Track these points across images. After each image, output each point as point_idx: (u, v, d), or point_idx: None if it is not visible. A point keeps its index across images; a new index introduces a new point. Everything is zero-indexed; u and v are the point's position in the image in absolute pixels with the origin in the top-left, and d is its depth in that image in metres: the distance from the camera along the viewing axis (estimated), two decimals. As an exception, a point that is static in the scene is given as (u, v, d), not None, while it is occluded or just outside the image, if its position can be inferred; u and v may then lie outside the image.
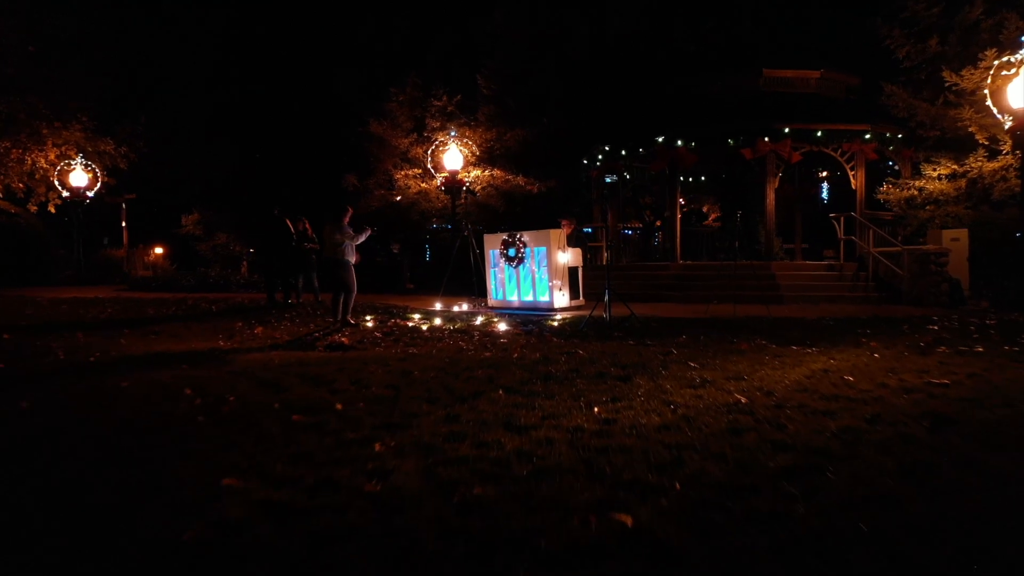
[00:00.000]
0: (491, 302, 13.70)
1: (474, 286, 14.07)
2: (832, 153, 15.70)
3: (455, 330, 10.65)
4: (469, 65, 20.12)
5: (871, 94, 17.60)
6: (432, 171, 20.66)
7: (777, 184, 15.66)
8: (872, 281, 14.75)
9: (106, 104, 25.05)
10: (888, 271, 14.57)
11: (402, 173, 20.18)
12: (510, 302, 13.30)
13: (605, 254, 19.03)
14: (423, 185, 20.75)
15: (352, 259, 12.28)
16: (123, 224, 30.15)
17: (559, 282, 12.51)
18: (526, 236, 12.83)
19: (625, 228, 22.07)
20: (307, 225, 16.06)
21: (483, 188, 20.07)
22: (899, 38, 15.88)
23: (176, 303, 16.04)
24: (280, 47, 22.42)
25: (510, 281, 13.22)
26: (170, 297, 18.18)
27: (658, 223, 25.17)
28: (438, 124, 20.28)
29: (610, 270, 11.74)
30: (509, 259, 13.07)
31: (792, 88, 16.84)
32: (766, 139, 15.25)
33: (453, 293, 15.70)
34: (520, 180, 19.51)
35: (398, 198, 20.35)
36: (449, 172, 19.92)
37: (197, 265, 26.66)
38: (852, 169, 15.78)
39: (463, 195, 20.28)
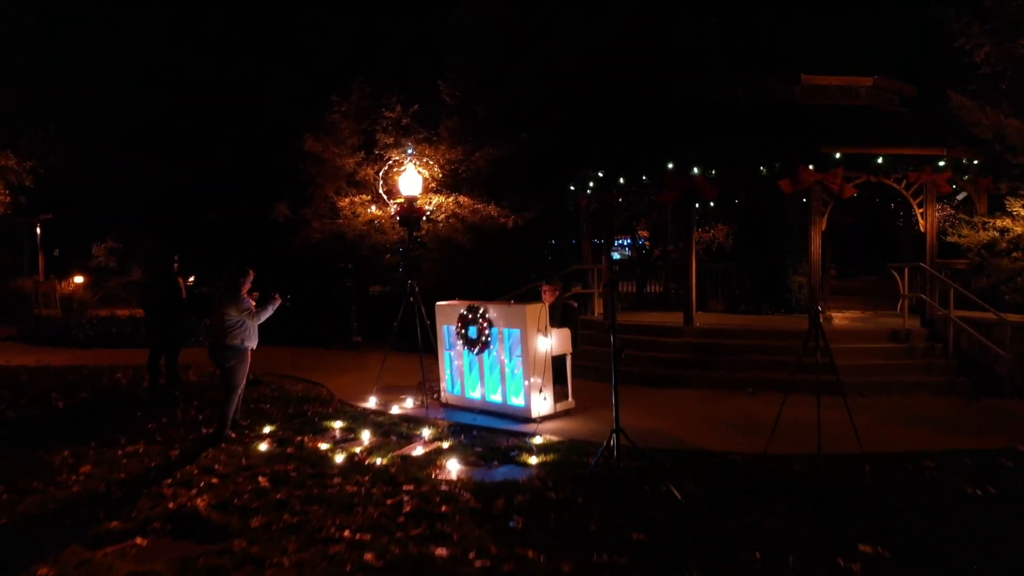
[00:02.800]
0: (446, 397, 9.95)
1: (423, 366, 10.25)
2: (894, 185, 12.06)
3: (378, 473, 6.94)
4: (430, 68, 16.32)
5: (930, 106, 14.03)
6: (385, 197, 16.86)
7: (824, 226, 11.98)
8: (953, 358, 11.14)
9: (10, 114, 21.14)
10: (974, 344, 10.97)
11: (347, 200, 16.34)
12: (471, 401, 9.56)
13: (597, 303, 15.38)
14: (375, 212, 16.94)
15: (252, 344, 8.60)
16: (39, 249, 26.23)
17: (539, 380, 8.77)
18: (492, 311, 9.09)
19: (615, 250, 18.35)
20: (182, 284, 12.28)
21: (447, 219, 16.27)
22: (977, 35, 12.29)
23: (23, 383, 12.18)
24: (206, 53, 18.42)
25: (471, 371, 9.48)
26: (33, 364, 14.32)
27: (657, 252, 21.51)
28: (391, 140, 16.48)
29: (616, 370, 8.01)
30: (469, 342, 9.31)
31: (836, 99, 13.20)
32: (811, 167, 11.60)
33: (406, 349, 11.85)
34: (492, 210, 15.75)
35: (343, 230, 16.50)
36: (405, 198, 16.07)
37: (113, 304, 22.81)
38: (920, 206, 12.14)
39: (423, 225, 16.49)
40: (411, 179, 16.39)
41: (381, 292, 17.42)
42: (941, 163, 11.85)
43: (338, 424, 8.94)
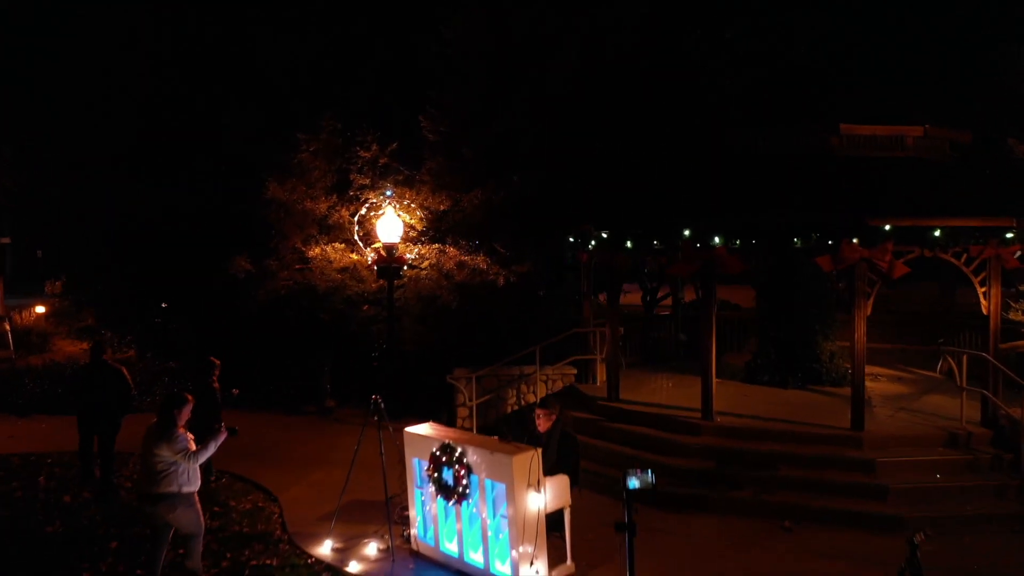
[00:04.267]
0: (417, 544, 8.12)
1: (388, 507, 8.39)
2: (952, 259, 10.21)
3: None
4: (409, 101, 14.37)
5: (985, 152, 12.18)
6: (360, 244, 14.99)
7: (870, 311, 10.12)
8: (1027, 472, 9.35)
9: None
10: (1052, 457, 9.18)
11: (318, 249, 14.44)
12: (447, 557, 7.73)
13: (599, 369, 13.56)
14: (353, 256, 15.08)
15: (192, 488, 6.98)
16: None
17: (529, 548, 6.93)
18: (472, 454, 7.24)
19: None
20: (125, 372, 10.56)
21: (428, 273, 14.40)
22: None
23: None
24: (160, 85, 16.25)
25: (447, 518, 7.65)
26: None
27: (666, 298, 19.46)
28: (367, 181, 14.59)
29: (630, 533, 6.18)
30: (443, 489, 7.48)
31: (880, 150, 11.29)
32: (855, 241, 9.75)
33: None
34: (481, 261, 13.89)
35: (313, 282, 14.61)
36: (384, 245, 14.28)
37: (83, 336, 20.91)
38: (982, 284, 10.28)
39: (404, 274, 14.61)
40: (390, 224, 14.56)
41: (357, 345, 15.49)
42: (1009, 235, 10.00)
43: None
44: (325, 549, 8.19)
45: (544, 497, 7.02)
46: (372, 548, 8.17)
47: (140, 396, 15.59)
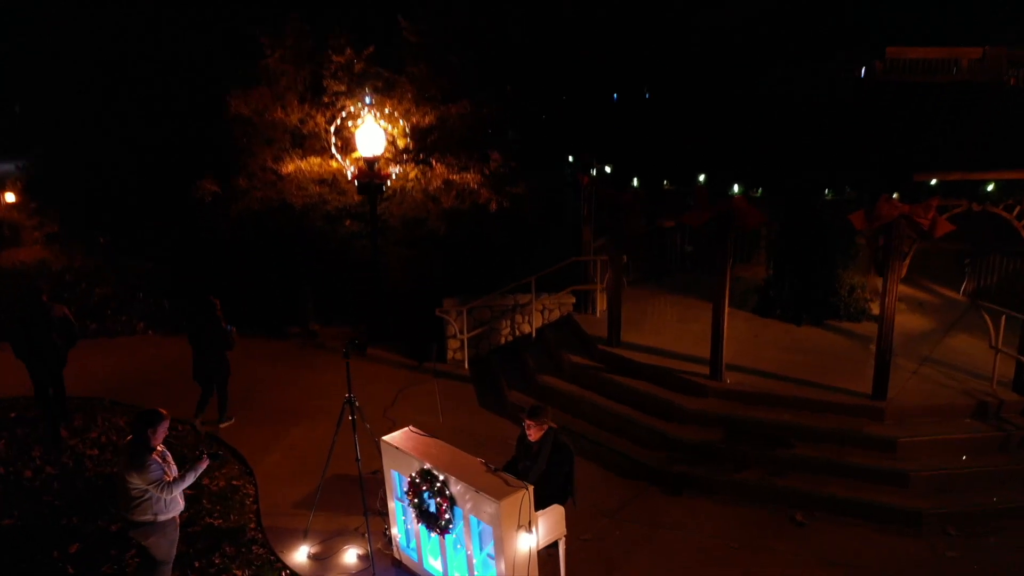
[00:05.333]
0: (399, 553, 7.51)
1: (367, 516, 7.69)
2: (1003, 213, 8.99)
3: None
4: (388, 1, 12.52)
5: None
6: (339, 157, 13.62)
7: (904, 272, 9.04)
8: (1062, 454, 8.64)
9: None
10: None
11: (292, 166, 13.11)
12: (429, 574, 7.13)
13: (599, 298, 12.64)
14: (333, 164, 13.77)
15: (170, 515, 6.47)
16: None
17: (520, 588, 6.30)
18: (455, 484, 6.45)
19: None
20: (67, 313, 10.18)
21: (413, 186, 13.14)
22: None
23: None
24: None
25: (430, 539, 6.99)
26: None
27: (669, 224, 18.01)
28: (343, 88, 13.01)
29: None
30: (425, 517, 6.76)
31: (930, 76, 9.76)
32: (894, 196, 8.52)
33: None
34: (471, 180, 12.62)
35: (289, 199, 13.39)
36: (365, 160, 12.96)
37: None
38: (1034, 240, 9.13)
39: (387, 189, 13.36)
40: (371, 134, 13.09)
41: (340, 264, 14.44)
42: (1071, 187, 8.73)
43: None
44: (301, 556, 7.60)
45: (537, 536, 6.30)
46: (351, 555, 7.58)
47: (114, 314, 14.89)
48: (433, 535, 6.71)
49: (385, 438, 7.19)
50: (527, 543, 6.22)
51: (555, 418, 10.19)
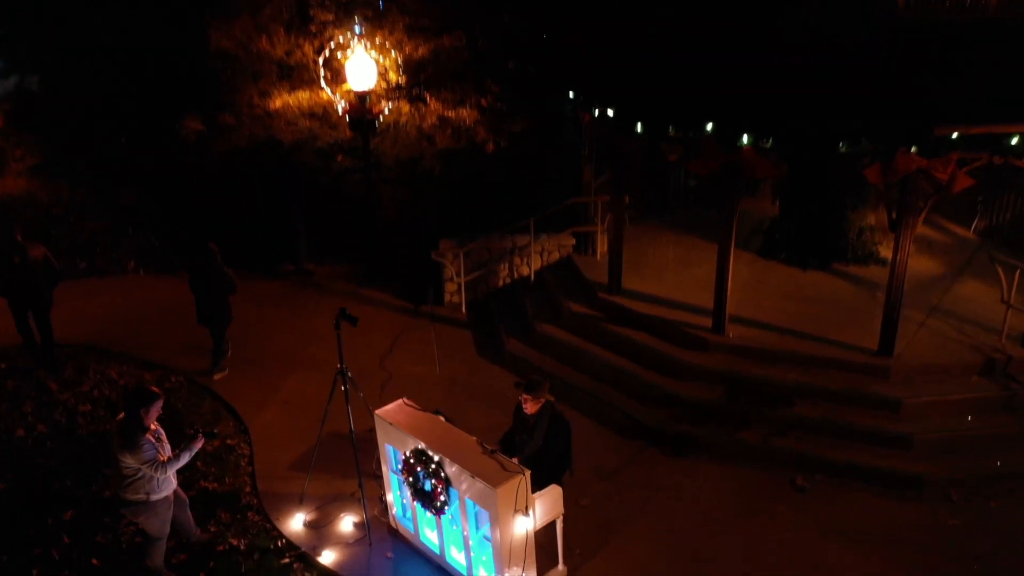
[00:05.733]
0: (395, 523, 7.44)
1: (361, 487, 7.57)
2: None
3: None
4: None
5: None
6: (328, 90, 13.00)
7: (919, 227, 8.68)
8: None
9: None
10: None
11: (279, 102, 12.53)
12: (426, 548, 7.09)
13: (600, 240, 12.31)
14: (323, 96, 13.19)
15: (163, 494, 6.38)
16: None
17: (517, 570, 6.23)
18: (450, 466, 6.29)
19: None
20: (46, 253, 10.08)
21: (407, 120, 12.59)
22: None
23: None
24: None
25: (425, 514, 6.88)
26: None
27: (672, 157, 17.32)
28: (331, 16, 12.28)
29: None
30: (420, 495, 6.64)
31: (957, 13, 9.11)
32: (913, 150, 8.06)
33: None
34: (466, 116, 12.08)
35: (278, 135, 12.87)
36: (356, 93, 12.38)
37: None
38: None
39: (380, 124, 12.81)
40: (362, 65, 12.45)
41: (333, 201, 13.99)
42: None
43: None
44: (297, 524, 7.55)
45: (534, 519, 6.19)
46: (347, 523, 7.52)
47: (104, 252, 14.57)
48: (429, 511, 6.60)
49: (379, 412, 7.00)
50: (524, 526, 6.11)
51: (554, 370, 10.11)
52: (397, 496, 7.19)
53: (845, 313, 10.09)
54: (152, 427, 6.36)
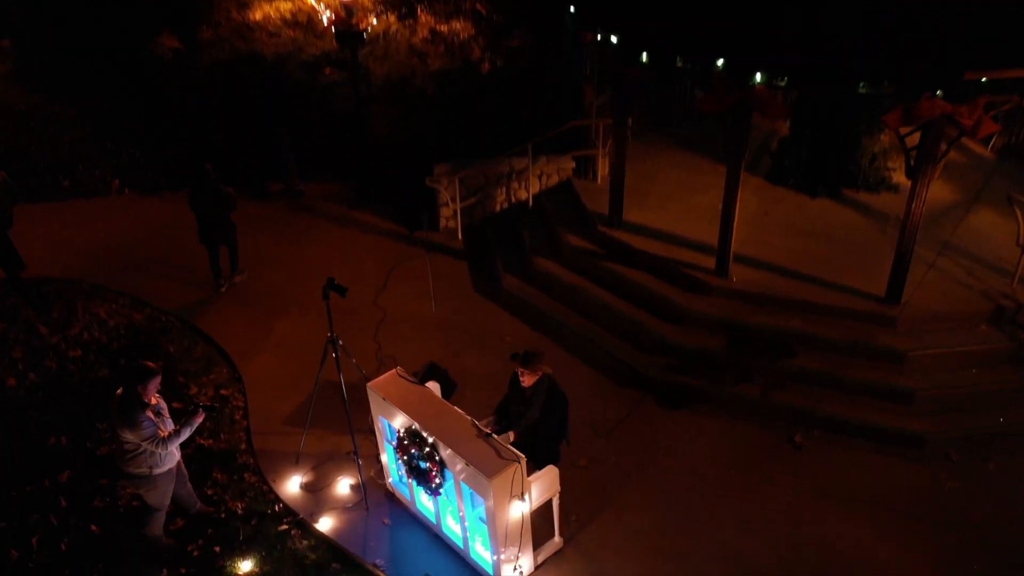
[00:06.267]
0: (391, 487, 7.43)
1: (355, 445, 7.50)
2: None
3: None
4: None
5: None
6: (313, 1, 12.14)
7: (937, 174, 8.22)
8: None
9: None
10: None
11: (260, 14, 11.71)
12: (422, 515, 7.10)
13: (601, 163, 11.83)
14: (307, 1, 12.37)
15: (165, 467, 6.39)
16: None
17: (514, 551, 6.25)
18: (444, 449, 6.18)
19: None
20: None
21: (397, 35, 11.81)
22: None
23: None
24: None
25: (420, 486, 6.85)
26: None
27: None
28: (311, -81, 11.27)
29: None
30: (416, 473, 6.56)
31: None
32: (937, 94, 7.52)
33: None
34: (460, 29, 11.31)
35: (259, 49, 12.13)
36: (343, 3, 11.57)
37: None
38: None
39: (368, 33, 12.03)
40: (347, -29, 11.58)
41: (322, 117, 13.36)
42: None
43: (243, 566, 6.65)
44: (293, 486, 7.54)
45: (529, 503, 6.13)
46: (344, 486, 7.51)
47: (87, 168, 14.05)
48: (425, 490, 6.55)
49: (371, 384, 6.82)
50: (520, 510, 6.06)
51: (553, 311, 9.89)
52: (394, 470, 7.14)
53: (854, 253, 9.77)
54: (152, 401, 6.22)
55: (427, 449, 6.23)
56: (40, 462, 7.86)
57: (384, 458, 7.30)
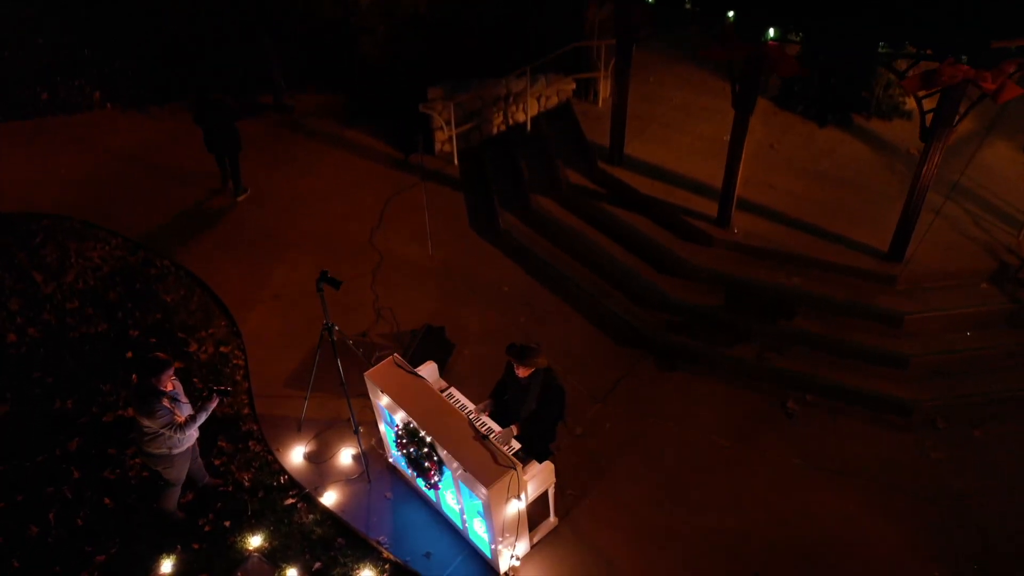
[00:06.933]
0: (392, 462, 7.64)
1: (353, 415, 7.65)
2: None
3: None
4: None
5: None
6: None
7: (948, 140, 7.88)
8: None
9: None
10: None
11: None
12: (422, 490, 7.33)
13: (602, 86, 11.35)
14: None
15: (184, 447, 6.63)
16: None
17: (511, 537, 6.54)
18: (441, 450, 6.31)
19: None
20: None
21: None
22: None
23: None
24: None
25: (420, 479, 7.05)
26: None
27: None
28: None
29: None
30: (415, 466, 6.73)
31: None
32: (963, 59, 7.09)
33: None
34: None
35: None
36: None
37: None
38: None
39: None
40: None
41: (309, 28, 12.61)
42: None
43: (253, 541, 6.99)
44: (297, 457, 7.75)
45: (525, 500, 6.34)
46: (346, 457, 7.72)
47: (65, 80, 13.49)
48: (425, 483, 6.75)
49: (368, 374, 6.85)
50: (516, 507, 6.27)
51: (553, 258, 9.79)
52: (392, 441, 7.29)
53: (860, 197, 9.56)
54: (168, 388, 6.34)
55: (425, 449, 6.37)
56: (48, 429, 8.04)
57: (383, 428, 7.45)
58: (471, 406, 6.88)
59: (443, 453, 6.29)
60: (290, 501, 7.38)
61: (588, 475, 7.50)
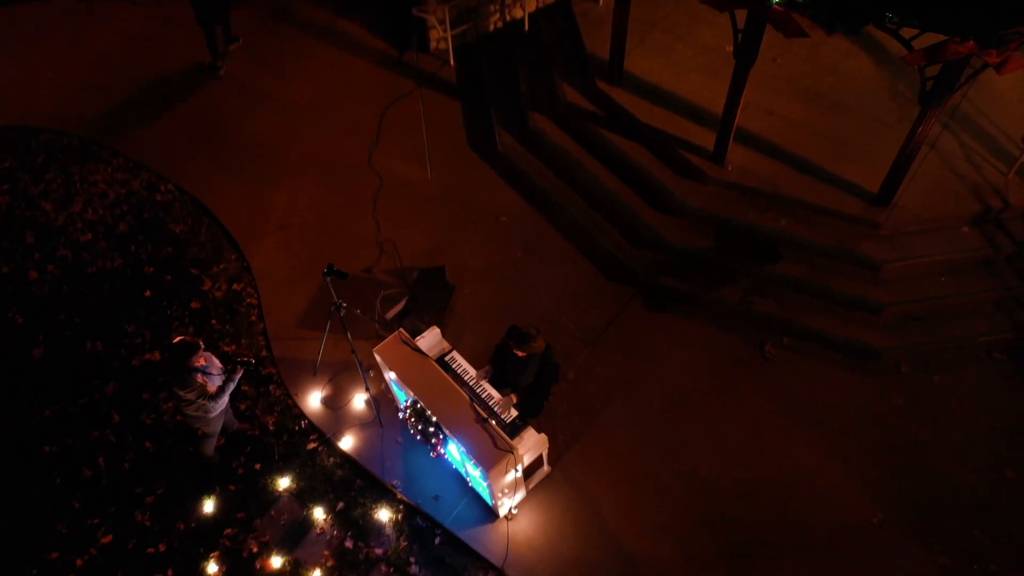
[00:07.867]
0: (401, 416, 8.36)
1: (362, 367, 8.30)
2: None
3: None
4: None
5: None
6: None
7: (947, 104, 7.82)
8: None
9: None
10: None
11: None
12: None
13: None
14: None
15: (218, 409, 7.33)
16: None
17: (509, 493, 7.46)
18: (445, 427, 7.05)
19: None
20: None
21: None
22: None
23: None
24: None
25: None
26: None
27: None
28: None
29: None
30: (421, 434, 7.50)
31: None
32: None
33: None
34: None
35: None
36: None
37: None
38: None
39: None
40: None
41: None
42: None
43: (282, 483, 7.95)
44: (315, 402, 8.47)
45: (521, 468, 7.15)
46: (360, 402, 8.45)
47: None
48: (432, 450, 7.53)
49: (377, 350, 7.43)
50: (513, 475, 7.11)
51: (548, 183, 10.00)
52: (401, 399, 7.98)
53: (860, 128, 9.55)
54: (200, 363, 6.93)
55: (431, 428, 7.09)
56: (84, 372, 8.73)
57: (389, 380, 8.11)
58: (472, 371, 7.49)
59: (447, 432, 7.02)
60: (312, 445, 8.22)
61: (578, 421, 8.24)
